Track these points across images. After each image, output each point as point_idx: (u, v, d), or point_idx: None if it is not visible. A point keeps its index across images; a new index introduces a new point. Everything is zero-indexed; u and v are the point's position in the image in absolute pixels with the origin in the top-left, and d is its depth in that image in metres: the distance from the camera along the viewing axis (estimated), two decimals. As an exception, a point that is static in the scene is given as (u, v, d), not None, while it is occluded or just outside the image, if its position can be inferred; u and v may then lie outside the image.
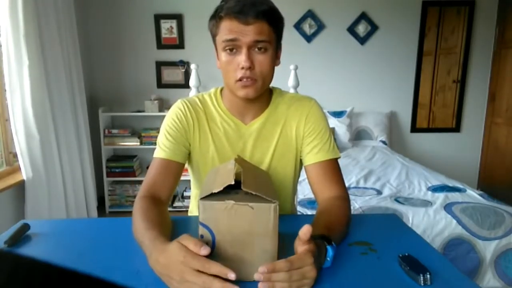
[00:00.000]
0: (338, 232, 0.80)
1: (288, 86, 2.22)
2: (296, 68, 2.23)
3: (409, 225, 1.73)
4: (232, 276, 0.54)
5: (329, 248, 0.69)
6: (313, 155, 0.98)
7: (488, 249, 1.81)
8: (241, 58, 0.86)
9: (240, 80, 0.88)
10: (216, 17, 0.88)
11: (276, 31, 0.89)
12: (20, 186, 2.34)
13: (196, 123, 0.99)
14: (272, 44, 0.89)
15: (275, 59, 0.93)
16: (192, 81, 2.33)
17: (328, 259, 0.69)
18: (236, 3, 0.84)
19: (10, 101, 2.24)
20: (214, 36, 0.91)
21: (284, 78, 2.25)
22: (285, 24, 0.93)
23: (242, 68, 0.86)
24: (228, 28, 0.85)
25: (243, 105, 0.98)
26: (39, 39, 2.34)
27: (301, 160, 1.05)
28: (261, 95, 0.95)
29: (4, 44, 2.18)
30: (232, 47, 0.86)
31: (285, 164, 1.02)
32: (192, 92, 2.34)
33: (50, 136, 2.45)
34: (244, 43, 0.85)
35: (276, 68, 0.94)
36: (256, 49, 0.86)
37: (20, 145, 2.29)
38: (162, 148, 0.95)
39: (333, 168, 0.98)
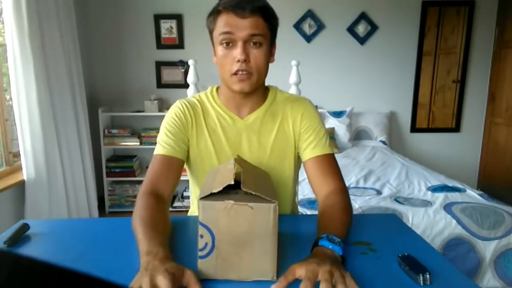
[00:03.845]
0: (341, 227, 0.79)
1: (290, 83, 2.20)
2: (298, 65, 2.21)
3: (409, 225, 1.73)
4: None
5: (333, 246, 0.69)
6: (310, 150, 1.00)
7: (488, 249, 1.81)
8: (237, 52, 0.89)
9: (235, 74, 0.90)
10: (214, 13, 0.91)
11: (270, 28, 0.93)
12: (20, 186, 2.34)
13: (194, 120, 1.01)
14: (267, 40, 0.92)
15: (270, 56, 0.96)
16: (190, 78, 2.32)
17: (340, 253, 0.69)
18: None
19: (17, 101, 2.24)
20: (211, 32, 0.95)
21: (285, 76, 2.25)
22: (285, 24, 0.95)
23: (238, 61, 0.88)
24: (224, 21, 0.89)
25: (239, 100, 1.00)
26: (40, 39, 2.35)
27: (299, 158, 1.05)
28: (256, 90, 0.98)
29: (9, 44, 2.19)
30: (228, 41, 0.89)
31: (284, 161, 1.03)
32: (191, 89, 2.33)
33: (52, 136, 2.46)
34: (240, 37, 0.88)
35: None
36: (252, 43, 0.89)
37: (24, 145, 2.29)
38: (163, 145, 0.96)
39: (330, 162, 0.99)
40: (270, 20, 0.91)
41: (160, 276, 0.57)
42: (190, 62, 2.33)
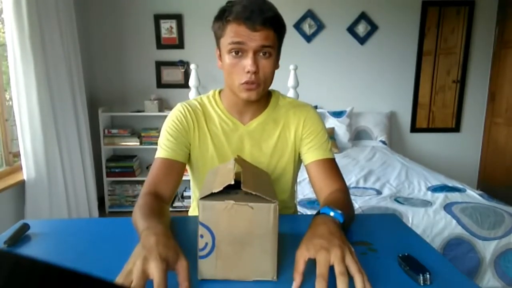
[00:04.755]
0: (341, 208, 0.77)
1: (288, 86, 2.21)
2: (296, 68, 2.23)
3: (409, 225, 1.73)
4: None
5: (335, 213, 0.73)
6: (312, 154, 1.00)
7: (488, 249, 1.81)
8: (247, 62, 0.88)
9: (244, 83, 0.90)
10: (223, 19, 0.89)
11: (279, 38, 0.92)
12: (20, 186, 2.34)
13: (196, 124, 1.00)
14: (275, 49, 0.92)
15: (276, 63, 0.95)
16: (192, 81, 2.33)
17: (341, 221, 0.72)
18: (244, 8, 0.85)
19: (17, 101, 2.24)
20: (218, 38, 0.93)
21: (283, 78, 2.25)
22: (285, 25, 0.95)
23: (248, 72, 0.88)
24: (235, 31, 0.87)
25: (242, 106, 1.00)
26: (40, 39, 2.35)
27: (300, 161, 1.06)
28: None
29: (9, 44, 2.19)
30: (238, 50, 0.88)
31: (284, 164, 1.04)
32: (192, 92, 2.34)
33: (52, 136, 2.46)
34: (251, 48, 0.87)
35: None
36: (261, 54, 0.89)
37: (24, 145, 2.29)
38: (164, 148, 0.96)
39: (332, 166, 1.00)
40: (279, 31, 0.91)
41: (152, 262, 0.55)
42: (192, 66, 2.34)
